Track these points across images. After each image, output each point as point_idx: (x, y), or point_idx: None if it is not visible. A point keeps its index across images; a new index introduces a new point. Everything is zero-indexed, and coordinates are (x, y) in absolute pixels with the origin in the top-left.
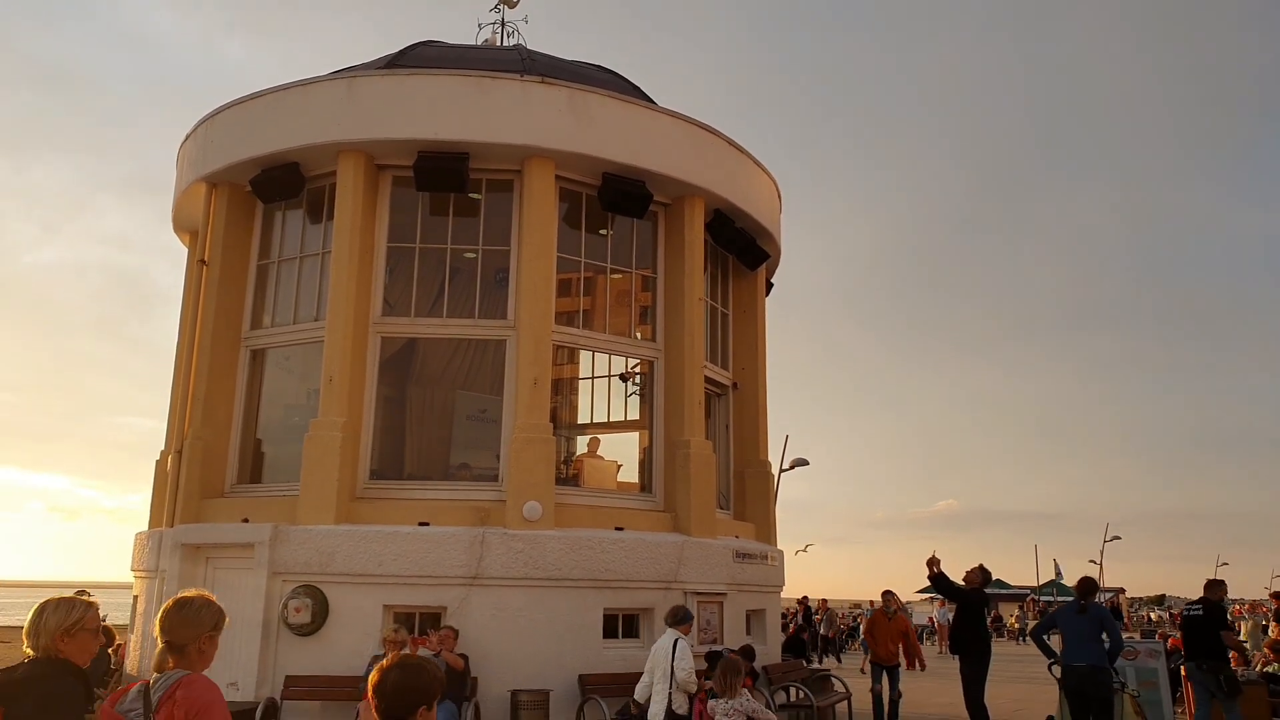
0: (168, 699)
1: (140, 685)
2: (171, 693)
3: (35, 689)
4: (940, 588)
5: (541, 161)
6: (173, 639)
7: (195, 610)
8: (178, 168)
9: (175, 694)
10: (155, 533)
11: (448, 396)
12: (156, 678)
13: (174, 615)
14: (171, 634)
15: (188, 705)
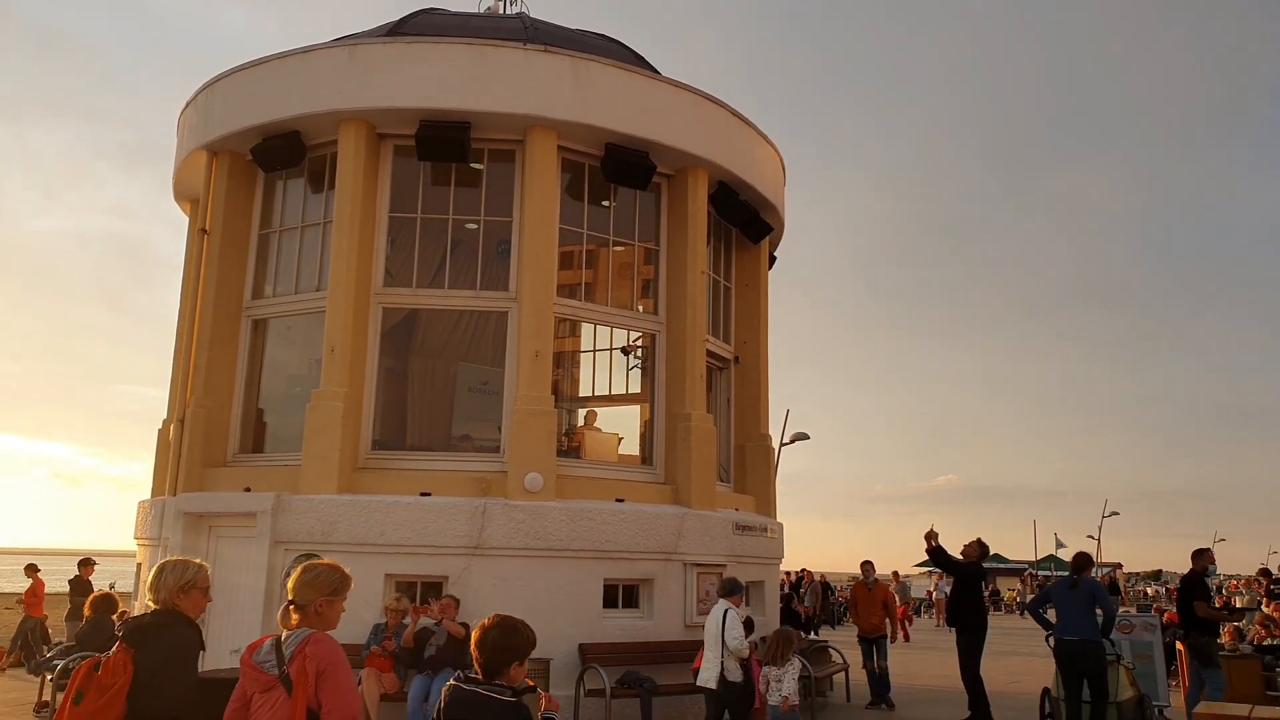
0: (299, 653)
1: (272, 639)
2: (302, 648)
3: (161, 636)
4: (938, 561)
5: (544, 131)
6: (296, 599)
7: (316, 575)
8: (178, 136)
9: (305, 649)
10: (158, 501)
11: (449, 368)
12: (286, 634)
13: (299, 578)
14: (296, 595)
15: (318, 659)
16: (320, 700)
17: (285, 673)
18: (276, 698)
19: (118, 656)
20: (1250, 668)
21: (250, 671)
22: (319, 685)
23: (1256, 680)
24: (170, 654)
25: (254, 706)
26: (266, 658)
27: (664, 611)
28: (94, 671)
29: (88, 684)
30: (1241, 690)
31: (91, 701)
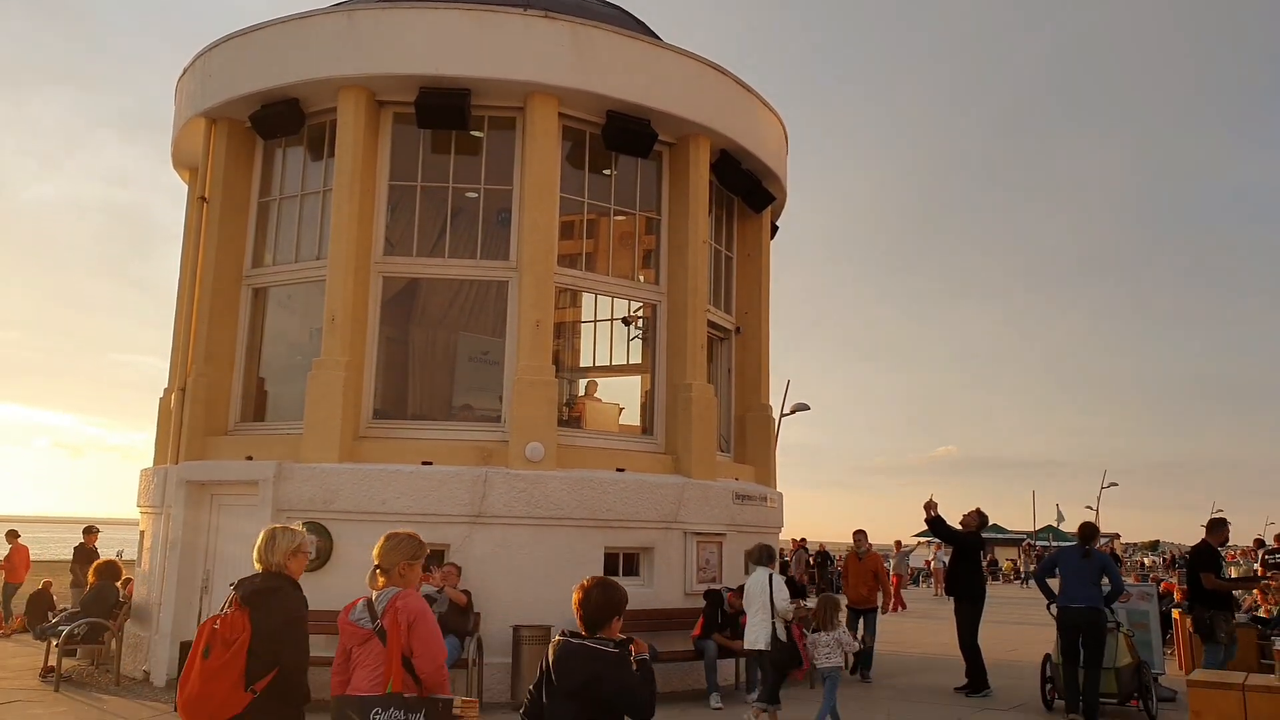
0: (390, 608)
1: (364, 600)
2: (392, 604)
3: (274, 597)
4: (937, 531)
5: (544, 98)
6: (382, 563)
7: (399, 542)
8: (176, 103)
9: (395, 604)
10: (160, 470)
11: (450, 338)
12: (376, 594)
13: (385, 545)
14: (382, 560)
15: (407, 612)
16: (412, 646)
17: (380, 626)
18: (373, 648)
19: (235, 615)
20: (1246, 637)
21: (348, 628)
22: (409, 634)
23: (1252, 649)
24: (283, 613)
25: (354, 658)
26: (361, 615)
27: (664, 579)
28: (215, 629)
29: (213, 640)
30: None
31: (218, 656)
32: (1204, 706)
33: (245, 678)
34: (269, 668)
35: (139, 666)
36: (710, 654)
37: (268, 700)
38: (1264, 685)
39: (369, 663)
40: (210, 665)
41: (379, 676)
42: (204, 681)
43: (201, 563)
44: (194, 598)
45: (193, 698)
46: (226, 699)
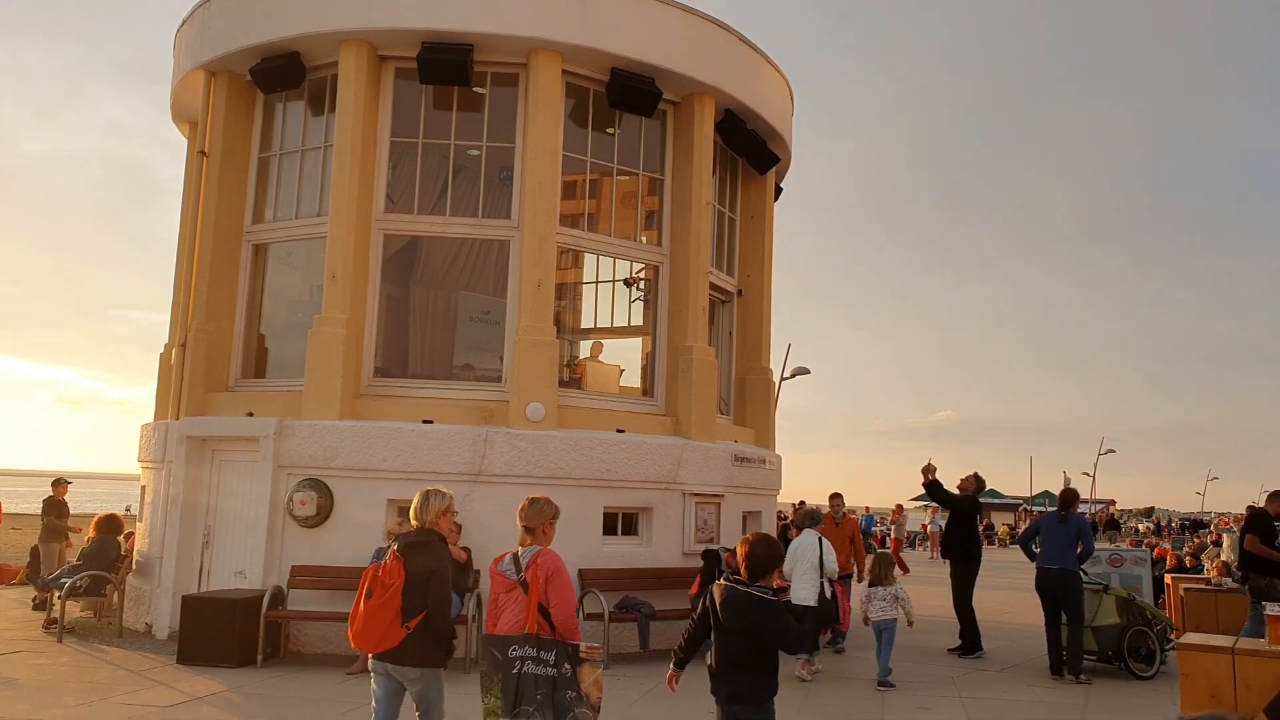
0: (532, 563)
1: (511, 555)
2: (535, 559)
3: (425, 550)
4: (935, 495)
5: (548, 55)
6: (527, 524)
7: (541, 506)
8: (175, 55)
9: (537, 560)
10: (161, 425)
11: (451, 297)
12: (521, 550)
13: (528, 509)
14: (527, 521)
15: (546, 567)
16: (548, 597)
17: (523, 578)
18: (516, 596)
19: (393, 564)
20: (1237, 602)
21: (497, 577)
22: (547, 587)
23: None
24: (432, 564)
25: (500, 603)
26: (508, 567)
27: (662, 539)
28: (376, 575)
29: (374, 584)
30: (1227, 623)
31: (378, 597)
32: (1193, 669)
33: (401, 615)
34: (419, 609)
35: (141, 619)
36: None
37: (419, 636)
38: (1254, 650)
39: (512, 608)
40: (372, 605)
41: (520, 620)
42: (368, 617)
43: (202, 518)
44: (195, 552)
45: (360, 631)
46: (386, 632)
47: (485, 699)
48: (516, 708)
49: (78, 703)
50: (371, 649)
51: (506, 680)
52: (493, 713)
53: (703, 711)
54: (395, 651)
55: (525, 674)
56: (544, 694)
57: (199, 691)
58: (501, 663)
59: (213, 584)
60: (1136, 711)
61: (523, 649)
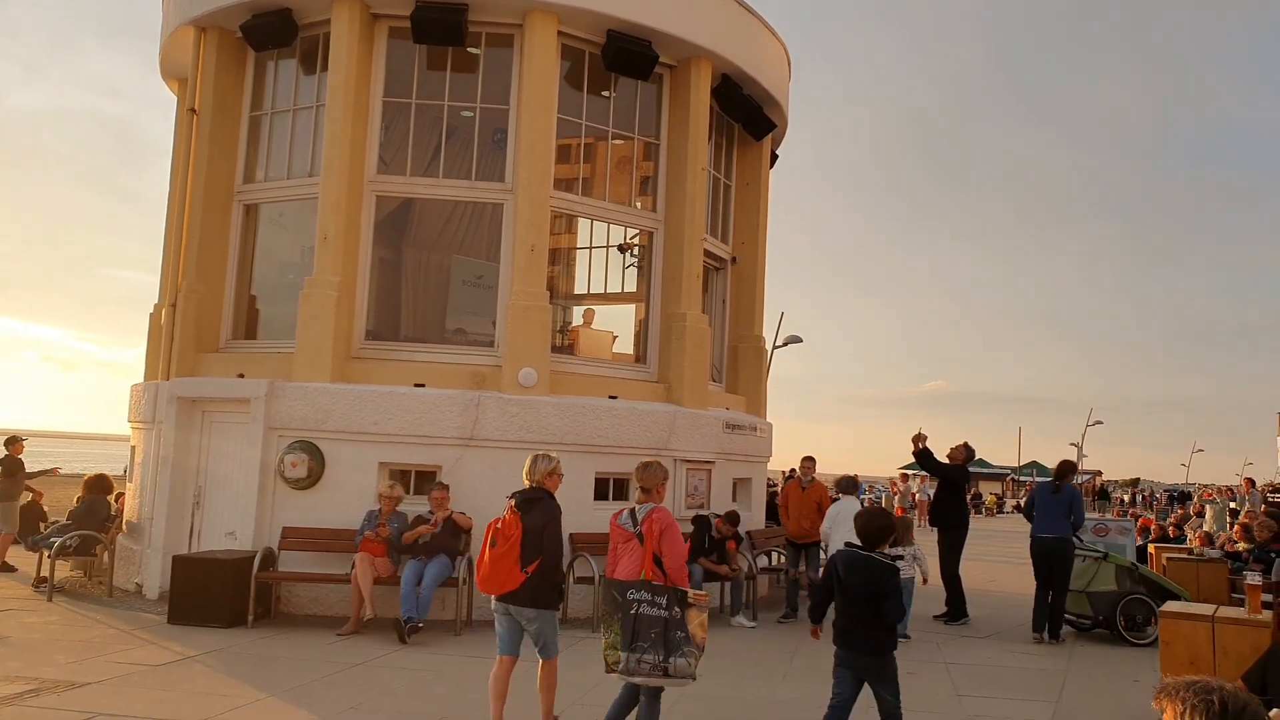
0: (648, 518)
1: (628, 510)
2: (650, 515)
3: (537, 505)
4: (925, 463)
5: (543, 15)
6: (643, 484)
7: (655, 469)
8: (164, 10)
9: (652, 515)
10: (151, 385)
11: (444, 260)
12: (637, 507)
13: (644, 471)
14: (643, 481)
15: (660, 522)
16: (661, 549)
17: (639, 530)
18: (633, 546)
19: (511, 518)
20: (1217, 571)
21: (616, 529)
22: (661, 539)
23: (1223, 583)
24: (543, 516)
25: (618, 552)
26: (625, 520)
27: None
28: (497, 527)
29: (496, 535)
30: (1208, 592)
31: (500, 546)
32: (1173, 637)
33: (520, 562)
34: (535, 555)
35: (131, 579)
36: (696, 577)
37: (536, 579)
38: (1233, 618)
39: (628, 557)
40: (496, 552)
41: (636, 567)
42: (492, 564)
43: (193, 478)
44: (185, 513)
45: (486, 575)
46: (508, 576)
47: (605, 634)
48: (633, 643)
49: (68, 660)
50: (495, 591)
51: (625, 620)
52: (612, 646)
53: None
54: (514, 594)
55: (641, 614)
56: (656, 633)
57: (189, 651)
58: (620, 604)
59: (203, 545)
60: (1115, 676)
61: (639, 593)
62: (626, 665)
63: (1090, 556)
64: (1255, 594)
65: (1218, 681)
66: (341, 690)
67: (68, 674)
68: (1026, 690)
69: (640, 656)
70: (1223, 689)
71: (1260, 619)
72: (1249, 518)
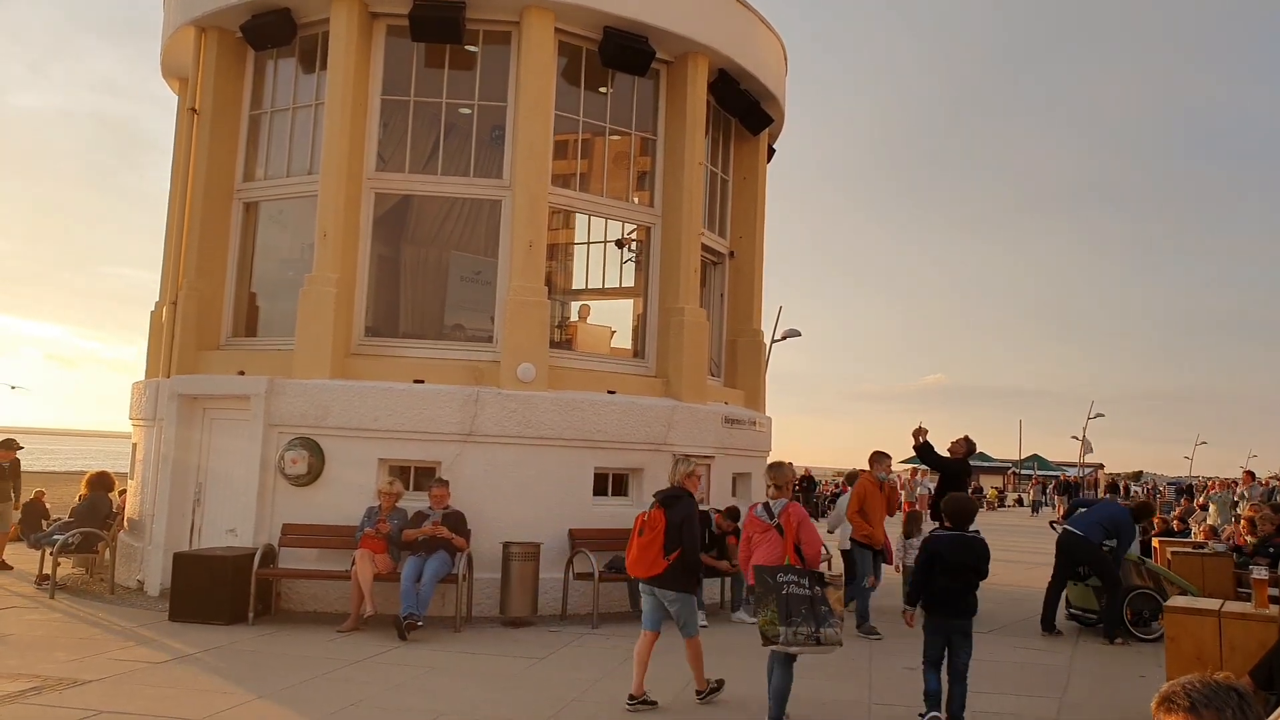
0: (784, 512)
1: (763, 504)
2: (787, 509)
3: (678, 501)
4: (925, 458)
5: (540, 12)
6: (775, 482)
7: (787, 469)
8: (165, 10)
9: (789, 509)
10: (152, 383)
11: (442, 257)
12: (771, 502)
13: (777, 471)
14: (776, 480)
15: (798, 515)
16: (800, 537)
17: (777, 522)
18: (771, 536)
19: (656, 512)
20: (1223, 565)
21: (754, 520)
22: (799, 529)
23: (1228, 577)
24: (683, 512)
25: (754, 541)
26: (762, 514)
27: None
28: (645, 520)
29: (645, 526)
30: (1213, 586)
31: (647, 536)
32: (1180, 633)
33: (664, 550)
34: (676, 546)
35: (133, 576)
36: None
37: (677, 566)
38: (1239, 613)
39: (766, 545)
40: (643, 541)
41: (776, 554)
42: (640, 551)
43: (194, 475)
44: (186, 509)
45: (634, 560)
46: (653, 562)
47: (762, 613)
48: (789, 619)
49: (69, 658)
50: (642, 575)
51: (779, 599)
52: (770, 622)
53: (684, 669)
54: (659, 578)
55: (790, 594)
56: (805, 609)
57: (190, 648)
58: (772, 585)
59: (204, 542)
60: (1121, 672)
61: (786, 575)
62: (786, 638)
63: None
64: (1262, 588)
65: (1225, 676)
66: (342, 687)
67: (69, 671)
68: (1031, 686)
69: (796, 629)
70: (1242, 695)
71: (1267, 613)
72: (1253, 511)
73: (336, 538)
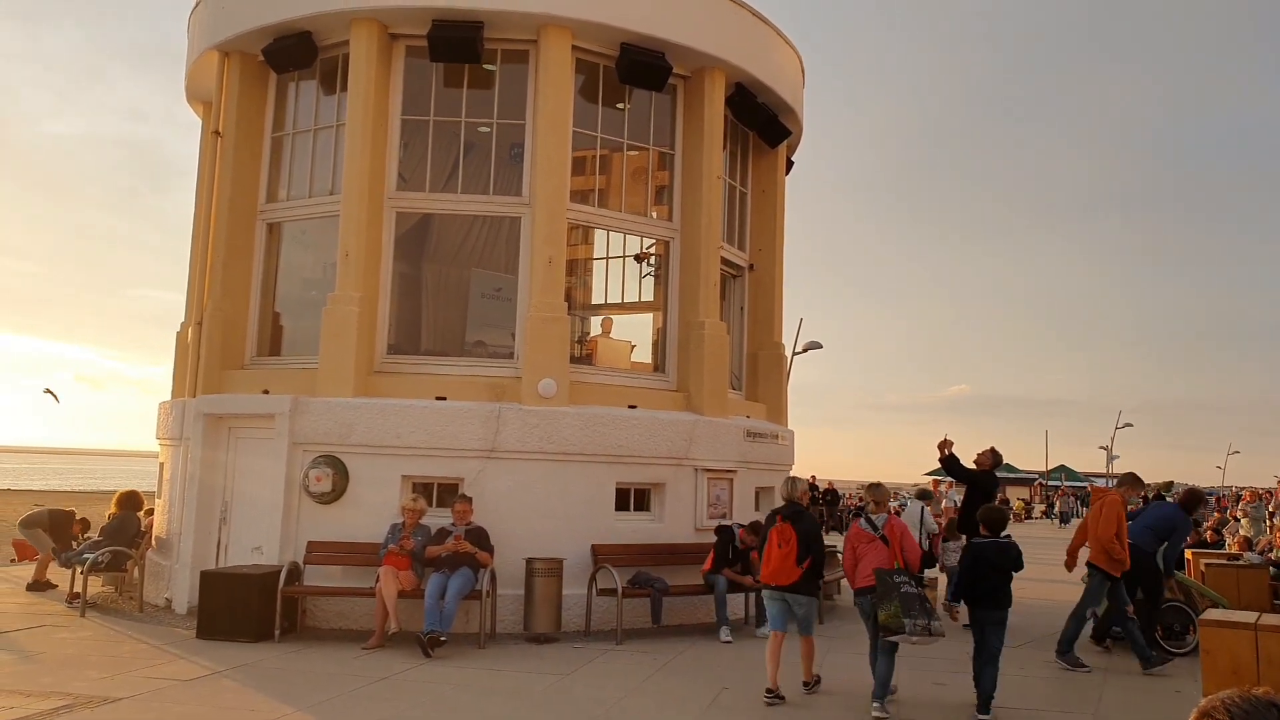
0: (888, 525)
1: (865, 518)
2: (890, 521)
3: (802, 515)
4: (952, 470)
5: (557, 31)
6: (875, 499)
7: (882, 488)
8: (189, 36)
9: (891, 522)
10: (178, 403)
11: (463, 274)
12: (874, 516)
13: (873, 489)
14: (875, 497)
15: (900, 527)
16: (904, 546)
17: (882, 534)
18: (877, 546)
19: (785, 526)
20: (1258, 577)
21: (859, 532)
22: (902, 539)
23: (1264, 590)
24: (809, 525)
25: (859, 551)
26: (866, 526)
27: (675, 515)
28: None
29: (781, 540)
30: (1249, 599)
31: (786, 548)
32: (1215, 646)
33: (797, 560)
34: (807, 555)
35: (161, 594)
36: (720, 588)
37: (809, 573)
38: (1275, 625)
39: (872, 554)
40: (781, 552)
41: (883, 561)
42: (780, 561)
43: (220, 494)
44: (213, 528)
45: (775, 570)
46: (790, 571)
47: (885, 609)
48: (909, 613)
49: (100, 675)
50: (781, 582)
51: (901, 597)
52: (894, 616)
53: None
54: (794, 585)
55: (906, 592)
56: (919, 605)
57: (218, 666)
58: (891, 585)
59: (230, 559)
60: (1156, 686)
61: (901, 577)
62: (910, 630)
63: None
64: None
65: (1264, 691)
66: (368, 705)
67: (100, 689)
68: (1063, 700)
69: (915, 621)
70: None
71: None
72: None
73: (361, 555)
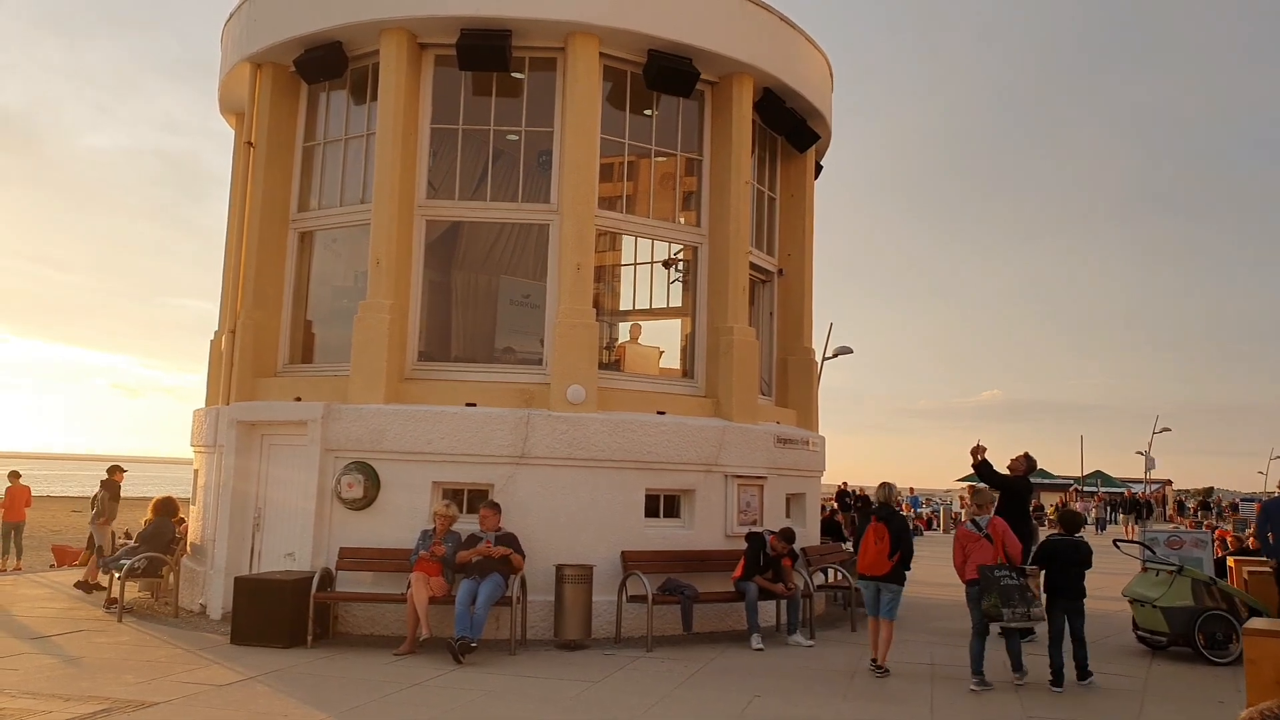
0: (991, 524)
1: (970, 519)
2: (992, 522)
3: (894, 515)
4: (985, 476)
5: (585, 38)
6: (978, 503)
7: (985, 493)
8: (222, 48)
9: (995, 522)
10: (212, 410)
11: (491, 281)
12: (983, 518)
13: (977, 494)
14: (978, 500)
15: (1002, 526)
16: (1006, 543)
17: (986, 533)
18: (982, 545)
19: (878, 524)
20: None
21: (966, 533)
22: (1004, 538)
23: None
24: (899, 523)
25: (967, 549)
26: (971, 527)
27: (705, 521)
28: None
29: (877, 536)
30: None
31: (880, 543)
32: (1260, 655)
33: (890, 553)
34: (897, 549)
35: (196, 600)
36: (751, 596)
37: (898, 565)
38: None
39: (978, 551)
40: (876, 547)
41: (989, 558)
42: (876, 554)
43: (253, 501)
44: (246, 534)
45: (871, 561)
46: (883, 563)
47: (988, 599)
48: (1009, 602)
49: (137, 680)
50: (876, 573)
51: (1001, 589)
52: (995, 605)
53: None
54: (886, 575)
55: (1006, 585)
56: (1019, 595)
57: (252, 671)
58: (992, 580)
59: (263, 565)
60: (1198, 696)
61: (1001, 571)
62: (1009, 617)
63: (1164, 570)
64: None
65: None
66: (399, 711)
67: (137, 694)
68: (1101, 711)
69: (1014, 609)
70: None
71: None
72: None
73: (392, 561)
